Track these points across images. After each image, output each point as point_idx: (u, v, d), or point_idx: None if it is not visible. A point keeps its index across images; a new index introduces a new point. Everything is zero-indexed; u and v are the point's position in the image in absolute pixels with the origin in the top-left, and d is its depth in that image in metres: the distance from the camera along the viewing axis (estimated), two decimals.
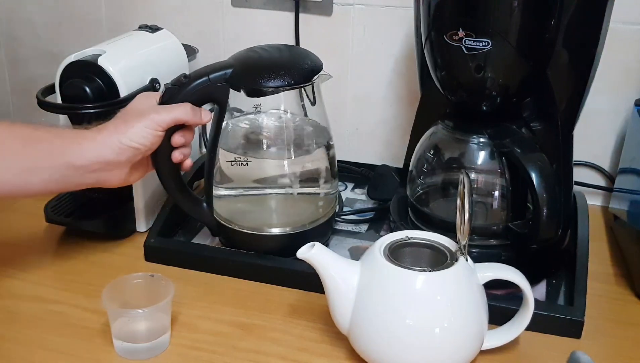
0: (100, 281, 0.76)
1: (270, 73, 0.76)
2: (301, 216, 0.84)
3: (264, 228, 0.83)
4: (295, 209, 0.86)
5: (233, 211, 0.85)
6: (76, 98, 0.84)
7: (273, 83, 0.76)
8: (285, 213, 0.86)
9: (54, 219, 0.88)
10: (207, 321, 0.74)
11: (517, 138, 0.77)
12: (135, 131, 0.71)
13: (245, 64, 0.78)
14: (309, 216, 0.84)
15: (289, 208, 0.87)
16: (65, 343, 0.70)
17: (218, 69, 0.77)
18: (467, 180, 0.63)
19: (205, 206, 0.84)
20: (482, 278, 0.66)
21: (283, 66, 0.78)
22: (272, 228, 0.83)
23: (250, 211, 0.87)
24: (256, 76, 0.76)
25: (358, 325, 0.65)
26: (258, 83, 0.76)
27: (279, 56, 0.81)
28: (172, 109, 0.73)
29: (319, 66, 0.81)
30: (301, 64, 0.79)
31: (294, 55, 0.83)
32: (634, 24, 0.93)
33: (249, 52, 0.81)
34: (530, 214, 0.75)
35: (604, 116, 0.98)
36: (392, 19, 1.02)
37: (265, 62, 0.79)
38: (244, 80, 0.77)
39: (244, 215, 0.85)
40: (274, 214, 0.87)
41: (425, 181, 0.86)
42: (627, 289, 0.81)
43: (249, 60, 0.79)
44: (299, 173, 0.84)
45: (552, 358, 0.69)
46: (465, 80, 0.77)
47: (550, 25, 0.72)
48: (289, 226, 0.83)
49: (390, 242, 0.68)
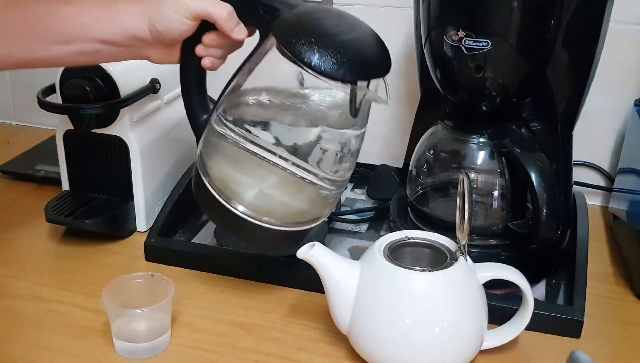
0: (100, 281, 0.77)
1: (326, 49, 0.61)
2: (304, 213, 0.71)
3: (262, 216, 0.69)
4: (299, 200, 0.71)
5: (231, 179, 0.71)
6: (76, 98, 0.84)
7: (322, 64, 0.60)
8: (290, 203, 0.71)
9: (54, 219, 0.88)
10: (207, 321, 0.74)
11: (517, 137, 0.77)
12: (165, 14, 0.65)
13: (302, 20, 0.64)
14: (312, 214, 0.71)
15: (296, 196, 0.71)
16: (65, 343, 0.70)
17: (277, 1, 0.66)
18: (467, 180, 0.63)
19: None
20: (481, 278, 0.66)
21: (352, 48, 0.62)
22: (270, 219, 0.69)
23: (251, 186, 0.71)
24: (302, 40, 0.61)
25: (358, 325, 0.65)
26: (300, 53, 0.61)
27: (353, 34, 0.65)
28: (209, 3, 0.66)
29: (387, 67, 0.66)
30: (375, 57, 0.65)
31: (375, 43, 0.66)
32: (634, 24, 0.93)
33: (315, 10, 0.66)
34: (530, 214, 0.75)
35: (604, 116, 0.98)
36: (392, 19, 1.02)
37: (326, 30, 0.63)
38: (286, 38, 0.62)
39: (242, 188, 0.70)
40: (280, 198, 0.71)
41: (425, 181, 0.86)
42: (627, 289, 0.81)
43: (312, 19, 0.64)
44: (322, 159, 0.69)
45: (552, 358, 0.69)
46: (465, 80, 0.77)
47: (550, 25, 0.72)
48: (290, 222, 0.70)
49: (390, 242, 0.68)
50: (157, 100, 0.92)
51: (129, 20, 0.67)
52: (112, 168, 0.90)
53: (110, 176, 0.90)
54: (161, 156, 0.93)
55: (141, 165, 0.88)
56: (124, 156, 0.88)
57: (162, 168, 0.94)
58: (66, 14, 0.67)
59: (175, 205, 0.89)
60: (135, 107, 0.87)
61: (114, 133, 0.87)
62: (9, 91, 1.29)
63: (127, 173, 0.89)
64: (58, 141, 0.90)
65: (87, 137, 0.88)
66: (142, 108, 0.89)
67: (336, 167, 0.69)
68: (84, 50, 0.68)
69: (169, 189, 0.92)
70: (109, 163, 0.90)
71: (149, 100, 0.90)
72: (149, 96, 0.89)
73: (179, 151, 0.98)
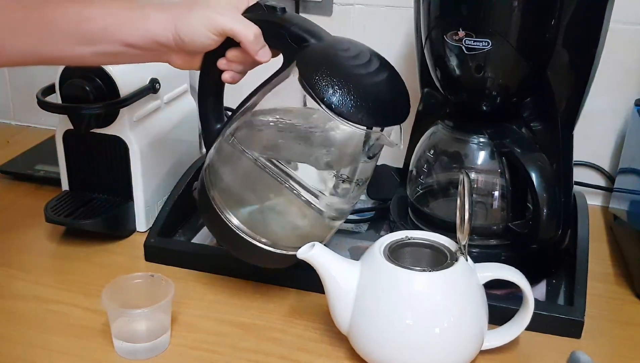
0: (100, 281, 0.77)
1: (343, 88, 0.61)
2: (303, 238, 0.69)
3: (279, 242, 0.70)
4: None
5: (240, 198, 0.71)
6: (76, 98, 0.84)
7: (341, 106, 0.60)
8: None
9: (54, 220, 0.88)
10: (207, 321, 0.74)
11: (517, 137, 0.77)
12: (192, 26, 0.66)
13: (327, 56, 0.64)
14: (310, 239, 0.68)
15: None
16: (65, 343, 0.70)
17: (306, 31, 0.65)
18: (467, 180, 0.63)
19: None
20: (482, 278, 0.66)
21: (370, 92, 0.62)
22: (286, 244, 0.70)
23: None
24: (324, 77, 0.61)
25: (358, 325, 0.65)
26: (321, 92, 0.61)
27: (376, 76, 0.65)
28: (237, 22, 0.66)
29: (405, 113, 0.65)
30: (393, 102, 0.64)
31: (394, 86, 0.66)
32: (634, 24, 0.93)
33: (343, 47, 0.66)
34: (530, 214, 0.75)
35: (604, 116, 0.98)
36: (392, 19, 1.02)
37: (350, 70, 0.63)
38: (308, 71, 0.62)
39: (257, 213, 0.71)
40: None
41: (425, 181, 0.86)
42: (627, 289, 0.81)
43: (337, 56, 0.64)
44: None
45: (552, 358, 0.69)
46: (465, 80, 0.77)
47: (550, 25, 0.72)
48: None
49: (390, 242, 0.68)
50: (157, 100, 0.92)
51: (155, 27, 0.67)
52: (112, 168, 0.90)
53: (110, 176, 0.90)
54: (161, 156, 0.93)
55: (141, 165, 0.88)
56: (123, 156, 0.88)
57: (162, 168, 0.94)
58: (94, 16, 0.67)
59: (175, 205, 0.89)
60: (135, 107, 0.87)
61: (113, 133, 0.87)
62: (9, 91, 1.29)
63: (127, 173, 0.89)
64: (58, 141, 0.90)
65: (86, 137, 0.88)
66: (141, 108, 0.89)
67: (344, 194, 0.70)
68: (107, 51, 0.68)
69: (169, 189, 0.92)
70: (108, 163, 0.90)
71: (149, 100, 0.90)
72: (148, 96, 0.89)
73: (179, 151, 0.98)
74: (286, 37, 0.66)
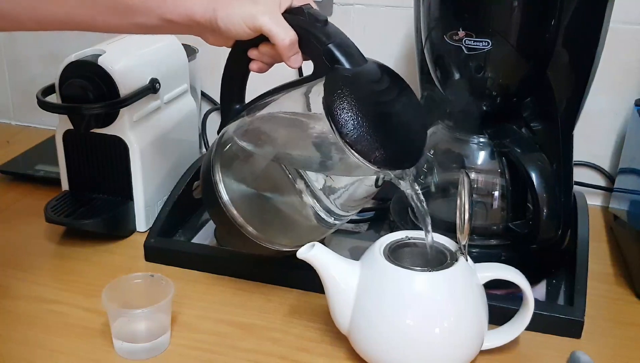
0: (100, 281, 0.77)
1: (361, 125, 0.61)
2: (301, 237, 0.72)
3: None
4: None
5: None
6: (76, 98, 0.84)
7: (356, 142, 0.61)
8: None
9: (54, 220, 0.88)
10: (207, 321, 0.74)
11: (517, 137, 0.77)
12: (231, 16, 0.66)
13: (355, 86, 0.63)
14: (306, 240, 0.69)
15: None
16: (65, 343, 0.70)
17: (342, 53, 0.65)
18: (467, 180, 0.63)
19: None
20: (482, 278, 0.66)
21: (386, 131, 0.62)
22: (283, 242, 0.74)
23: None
24: (347, 111, 0.61)
25: (358, 325, 0.65)
26: (339, 122, 0.61)
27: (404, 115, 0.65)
28: (276, 25, 0.66)
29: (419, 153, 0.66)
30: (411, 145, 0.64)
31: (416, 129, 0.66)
32: (634, 24, 0.93)
33: (373, 78, 0.66)
34: (530, 214, 0.75)
35: (604, 116, 0.98)
36: (392, 19, 1.02)
37: (373, 107, 0.63)
38: (332, 100, 0.62)
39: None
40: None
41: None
42: (627, 289, 0.81)
43: (365, 88, 0.64)
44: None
45: (552, 358, 0.69)
46: (465, 80, 0.77)
47: (550, 25, 0.72)
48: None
49: (390, 242, 0.68)
50: (157, 100, 0.92)
51: (196, 7, 0.67)
52: (111, 168, 0.90)
53: (110, 176, 0.90)
54: (161, 156, 0.93)
55: (141, 165, 0.88)
56: (123, 156, 0.88)
57: (162, 168, 0.94)
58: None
59: (175, 205, 0.89)
60: (135, 107, 0.87)
61: (113, 133, 0.87)
62: (9, 90, 1.29)
63: (127, 173, 0.89)
64: (58, 141, 0.90)
65: (86, 137, 0.88)
66: (142, 108, 0.89)
67: (347, 203, 0.72)
68: (145, 24, 0.68)
69: (169, 189, 0.92)
70: (108, 163, 0.90)
71: (149, 100, 0.90)
72: (148, 95, 0.89)
73: (179, 151, 0.97)
74: (321, 54, 0.66)
